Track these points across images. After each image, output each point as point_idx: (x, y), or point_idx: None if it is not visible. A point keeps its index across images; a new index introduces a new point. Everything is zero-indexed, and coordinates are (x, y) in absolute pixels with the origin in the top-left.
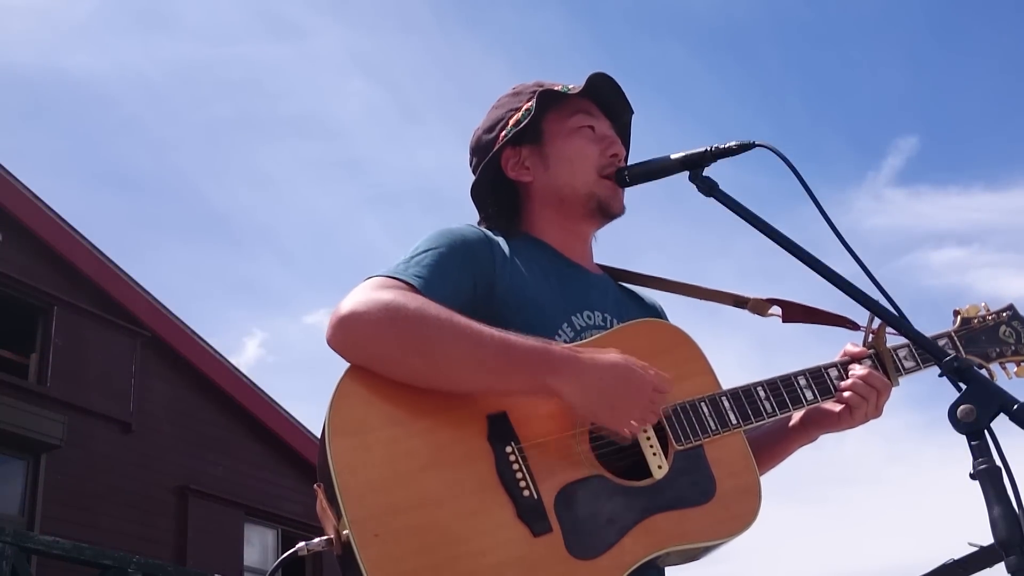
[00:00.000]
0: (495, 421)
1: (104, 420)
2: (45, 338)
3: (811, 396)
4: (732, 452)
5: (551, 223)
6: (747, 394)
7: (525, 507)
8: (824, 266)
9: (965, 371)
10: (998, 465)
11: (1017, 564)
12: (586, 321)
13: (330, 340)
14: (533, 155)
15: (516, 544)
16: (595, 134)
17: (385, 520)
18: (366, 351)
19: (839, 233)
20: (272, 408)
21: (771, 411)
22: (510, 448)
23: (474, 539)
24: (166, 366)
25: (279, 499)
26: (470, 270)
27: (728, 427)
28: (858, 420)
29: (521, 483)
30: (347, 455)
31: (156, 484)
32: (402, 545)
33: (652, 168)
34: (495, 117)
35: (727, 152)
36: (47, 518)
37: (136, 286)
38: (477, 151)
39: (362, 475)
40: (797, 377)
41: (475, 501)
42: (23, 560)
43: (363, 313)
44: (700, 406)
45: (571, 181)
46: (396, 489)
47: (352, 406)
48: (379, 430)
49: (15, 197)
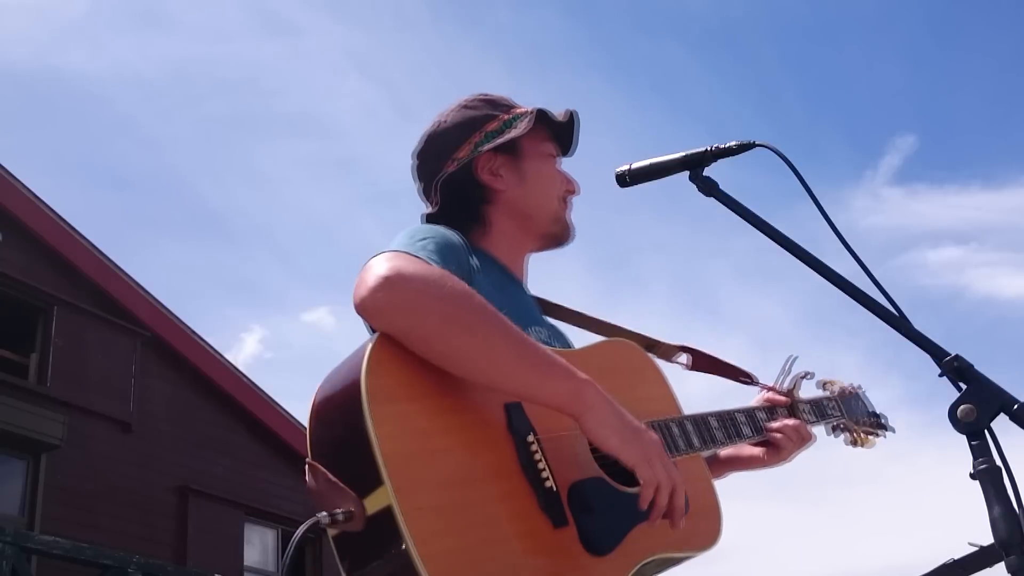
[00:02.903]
0: (512, 410)
1: (104, 420)
2: (45, 338)
3: (748, 432)
4: (695, 473)
5: (507, 236)
6: (703, 421)
7: (546, 498)
8: (824, 266)
9: (965, 371)
10: (998, 465)
11: (1017, 564)
12: (537, 335)
13: (366, 301)
14: (508, 166)
15: (540, 534)
16: (557, 164)
17: (426, 494)
18: (407, 319)
19: (839, 234)
20: (272, 408)
21: (722, 440)
22: (532, 438)
23: (501, 525)
24: (166, 366)
25: (279, 499)
26: (459, 266)
27: (692, 448)
28: (780, 460)
29: (543, 474)
30: (387, 423)
31: (156, 484)
32: (444, 521)
33: (652, 168)
34: (470, 116)
35: (727, 152)
36: (47, 518)
37: (136, 286)
38: (439, 142)
39: (401, 444)
40: (736, 413)
41: (501, 487)
42: (23, 560)
43: (410, 279)
44: (671, 426)
45: (542, 202)
46: (432, 465)
47: (387, 373)
48: (412, 401)
49: (15, 197)
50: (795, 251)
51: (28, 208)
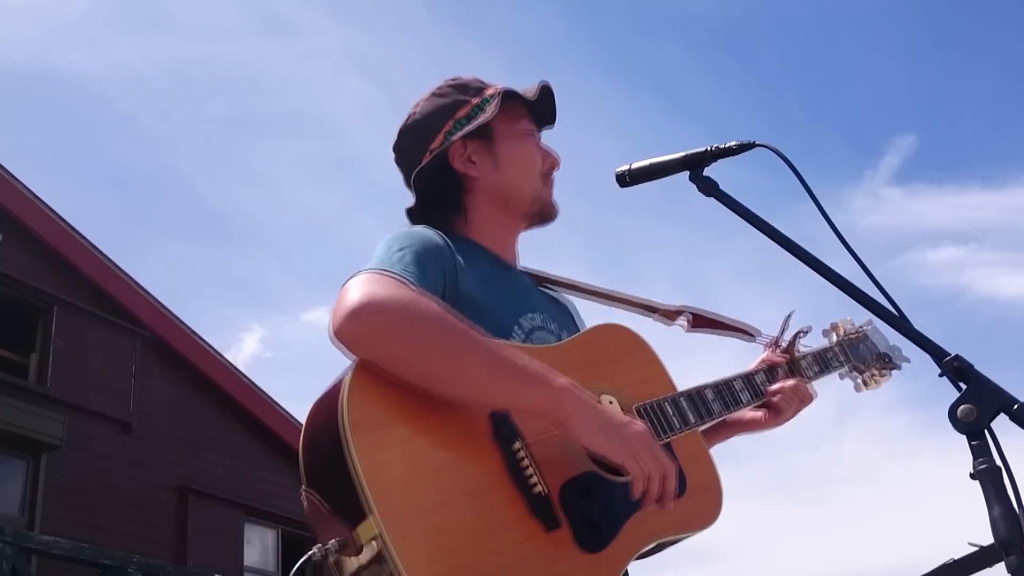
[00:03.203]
0: (498, 418)
1: (104, 420)
2: (45, 338)
3: (747, 398)
4: (693, 450)
5: (490, 222)
6: (699, 395)
7: (537, 503)
8: (824, 266)
9: (965, 371)
10: (998, 465)
11: (1017, 564)
12: (531, 323)
13: (339, 332)
14: (481, 151)
15: (532, 540)
16: (536, 141)
17: (412, 521)
18: (381, 347)
19: (839, 234)
20: (272, 408)
21: (719, 411)
22: (518, 444)
23: (493, 537)
24: (166, 366)
25: (279, 499)
26: (440, 270)
27: (689, 425)
28: (781, 421)
29: (531, 479)
30: (371, 453)
31: (156, 484)
32: (433, 545)
33: (652, 168)
34: (440, 104)
35: (727, 152)
36: (47, 518)
37: (136, 286)
38: (412, 134)
39: (386, 474)
40: (733, 381)
41: (490, 499)
42: (23, 560)
43: (381, 307)
44: (665, 405)
45: (519, 183)
46: (418, 488)
47: (368, 400)
48: (395, 427)
49: (15, 197)
50: (795, 251)
51: (28, 208)
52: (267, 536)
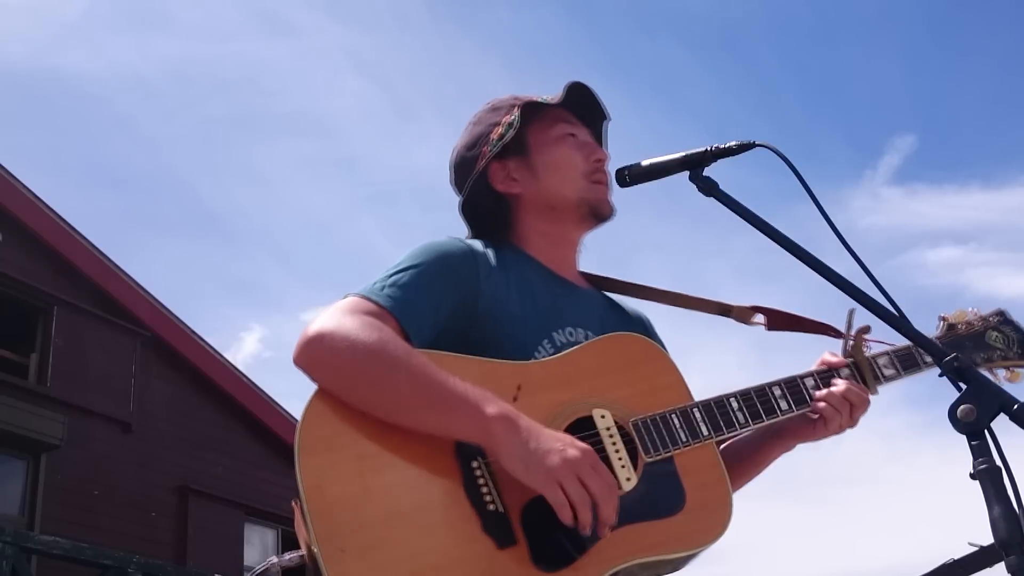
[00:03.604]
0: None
1: (104, 420)
2: (45, 338)
3: (785, 406)
4: (703, 464)
5: (541, 234)
6: (719, 405)
7: (489, 520)
8: (824, 266)
9: (965, 371)
10: (998, 465)
11: (1017, 564)
12: (567, 338)
13: (295, 358)
14: (520, 167)
15: (480, 558)
16: (577, 141)
17: (352, 536)
18: (325, 377)
19: (839, 234)
20: (272, 408)
21: (744, 422)
22: (476, 463)
23: (439, 553)
24: (166, 366)
25: (279, 499)
26: (451, 286)
27: (699, 438)
28: (832, 431)
29: (486, 497)
30: (315, 473)
31: (156, 484)
32: (369, 560)
33: (652, 168)
34: (477, 133)
35: (727, 152)
36: (47, 518)
37: (136, 286)
38: (460, 168)
39: (329, 491)
40: (772, 387)
41: (441, 516)
42: (23, 560)
43: (326, 339)
44: (671, 418)
45: (561, 189)
46: (363, 506)
47: (321, 424)
48: (348, 447)
49: (15, 197)
50: (795, 251)
51: (28, 208)
52: (267, 536)
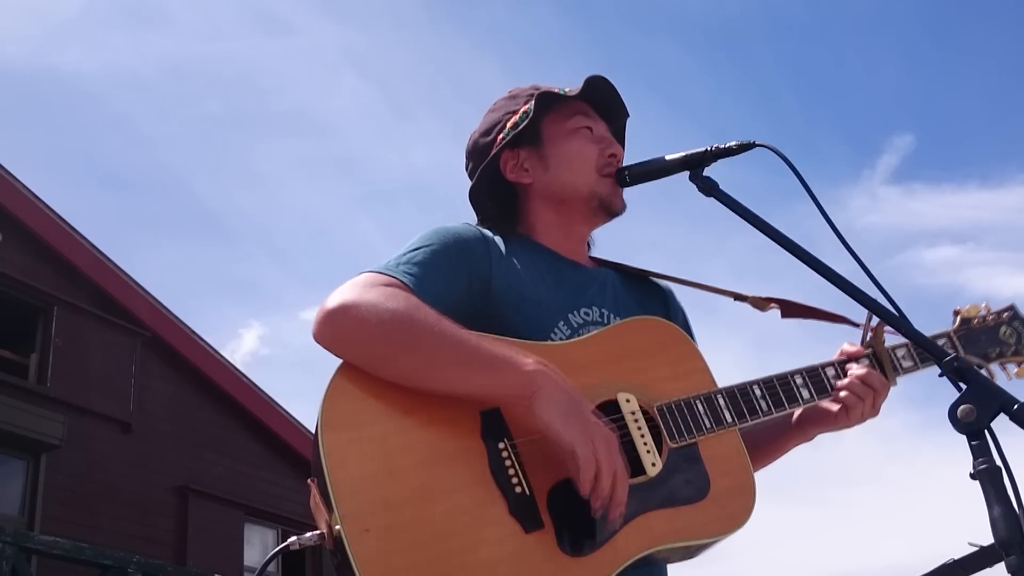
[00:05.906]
0: (488, 417)
1: (104, 420)
2: (45, 338)
3: (807, 395)
4: (727, 450)
5: (550, 224)
6: (743, 392)
7: (516, 503)
8: (824, 265)
9: (965, 371)
10: (998, 465)
11: (1017, 564)
12: (583, 318)
13: (316, 335)
14: (532, 157)
15: (507, 541)
16: (593, 135)
17: (377, 515)
18: (353, 348)
19: (839, 233)
20: (272, 408)
21: (767, 410)
22: (503, 444)
23: (465, 535)
24: (166, 366)
25: (279, 499)
26: (465, 267)
27: (723, 425)
28: (854, 420)
29: (513, 479)
30: (339, 450)
31: (156, 484)
32: (393, 540)
33: (652, 168)
34: (492, 120)
35: (727, 152)
36: (47, 518)
37: (136, 286)
38: (474, 154)
39: (354, 470)
40: (794, 376)
41: (467, 497)
42: (23, 560)
43: (351, 309)
44: (695, 404)
45: (572, 181)
46: (388, 484)
47: (345, 401)
48: (372, 425)
49: (15, 197)
50: (794, 250)
51: (28, 208)
52: (267, 536)
